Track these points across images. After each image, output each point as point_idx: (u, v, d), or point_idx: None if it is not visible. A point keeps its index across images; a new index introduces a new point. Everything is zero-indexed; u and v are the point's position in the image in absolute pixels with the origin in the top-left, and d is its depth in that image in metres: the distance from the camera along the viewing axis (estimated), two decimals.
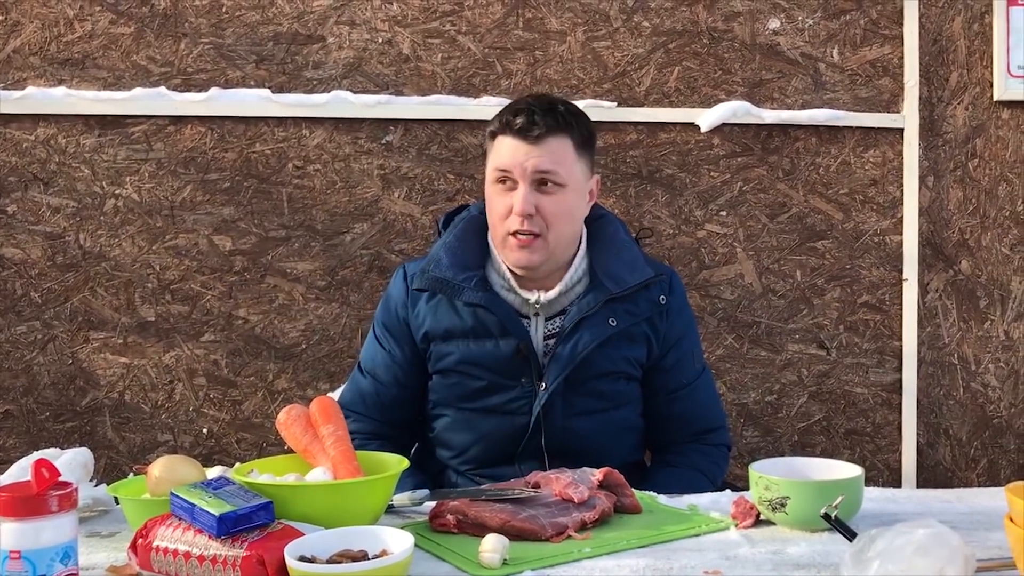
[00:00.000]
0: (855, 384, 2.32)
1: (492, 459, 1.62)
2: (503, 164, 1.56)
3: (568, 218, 1.58)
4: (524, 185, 1.54)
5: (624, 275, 1.60)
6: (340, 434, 1.27)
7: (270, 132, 2.24)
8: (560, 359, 1.57)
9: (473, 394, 1.61)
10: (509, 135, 1.56)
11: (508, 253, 1.58)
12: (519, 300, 1.60)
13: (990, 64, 2.31)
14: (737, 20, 2.29)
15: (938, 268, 2.33)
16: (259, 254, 2.24)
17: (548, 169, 1.54)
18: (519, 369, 1.58)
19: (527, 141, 1.54)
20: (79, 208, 2.22)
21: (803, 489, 1.18)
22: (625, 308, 1.59)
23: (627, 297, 1.60)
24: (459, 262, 1.61)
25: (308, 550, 1.00)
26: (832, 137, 2.31)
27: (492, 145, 1.60)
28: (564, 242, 1.59)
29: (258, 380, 2.25)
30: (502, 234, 1.58)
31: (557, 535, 1.17)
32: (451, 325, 1.60)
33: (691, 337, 1.70)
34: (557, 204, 1.56)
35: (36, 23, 2.21)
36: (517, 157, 1.55)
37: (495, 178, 1.58)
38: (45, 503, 0.92)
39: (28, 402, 2.23)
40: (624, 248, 1.64)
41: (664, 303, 1.63)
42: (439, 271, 1.60)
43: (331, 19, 2.25)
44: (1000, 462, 2.35)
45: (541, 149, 1.54)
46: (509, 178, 1.56)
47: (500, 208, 1.57)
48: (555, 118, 1.56)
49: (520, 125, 1.54)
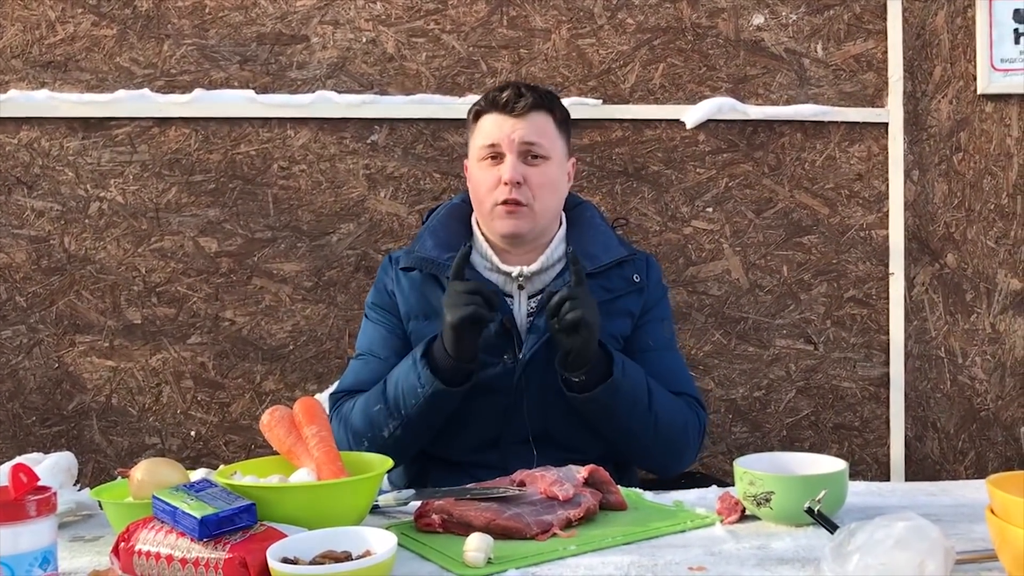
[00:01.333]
0: (843, 378, 2.33)
1: (476, 444, 1.63)
2: (490, 139, 1.62)
3: (552, 189, 1.65)
4: (511, 156, 1.61)
5: (599, 254, 1.67)
6: (324, 435, 1.27)
7: (255, 133, 2.23)
8: (537, 329, 1.60)
9: None
10: (494, 111, 1.63)
11: (497, 223, 1.63)
12: (502, 279, 1.65)
13: (974, 58, 2.32)
14: (721, 16, 2.29)
15: (924, 262, 2.34)
16: (245, 255, 2.24)
17: (534, 140, 1.62)
18: (502, 346, 1.60)
19: (512, 115, 1.62)
20: (64, 211, 2.21)
21: (787, 484, 1.18)
22: (599, 284, 1.64)
23: (601, 274, 1.66)
24: (442, 243, 1.67)
25: (291, 552, 1.00)
26: (817, 132, 2.31)
27: (475, 126, 1.67)
28: (549, 214, 1.66)
29: (245, 382, 2.24)
30: (489, 206, 1.62)
31: (542, 533, 1.17)
32: (435, 302, 1.63)
33: (662, 308, 1.74)
34: (542, 175, 1.62)
35: (18, 26, 2.20)
36: (504, 130, 1.62)
37: (481, 155, 1.64)
38: (23, 508, 0.92)
39: (14, 407, 2.21)
40: (599, 231, 1.72)
41: (638, 281, 1.69)
42: (424, 251, 1.66)
43: (315, 19, 2.24)
44: (988, 454, 2.36)
45: (526, 122, 1.62)
46: (497, 152, 1.62)
47: (488, 180, 1.62)
48: (538, 95, 1.64)
49: (505, 99, 1.62)
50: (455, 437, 1.64)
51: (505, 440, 1.62)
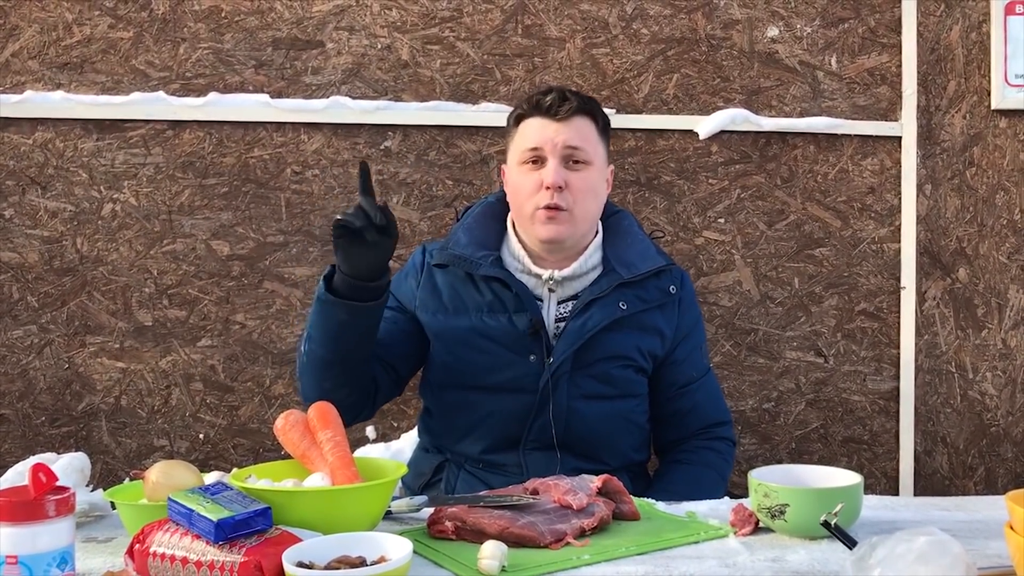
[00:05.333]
0: (853, 392, 2.32)
1: (496, 444, 1.63)
2: (533, 142, 1.62)
3: (593, 195, 1.65)
4: (554, 160, 1.60)
5: (636, 262, 1.65)
6: (338, 440, 1.27)
7: (268, 137, 2.24)
8: (569, 335, 1.60)
9: (480, 371, 1.63)
10: (537, 115, 1.63)
11: (537, 228, 1.62)
12: (533, 281, 1.65)
13: (988, 73, 2.32)
14: (735, 28, 2.30)
15: (936, 276, 2.33)
16: (257, 259, 2.24)
17: (577, 145, 1.61)
18: (530, 345, 1.60)
19: (556, 119, 1.61)
20: (77, 212, 2.22)
21: (803, 496, 1.18)
22: (635, 294, 1.64)
23: (637, 283, 1.64)
24: (476, 240, 1.67)
25: (306, 556, 1.00)
26: (830, 145, 2.31)
27: (517, 130, 1.66)
28: (589, 220, 1.66)
29: (255, 385, 2.24)
30: (530, 210, 1.62)
31: (556, 542, 1.17)
32: (467, 298, 1.64)
33: (700, 333, 1.76)
34: (584, 180, 1.62)
35: (35, 27, 2.21)
36: (547, 134, 1.61)
37: (523, 159, 1.63)
38: (42, 508, 0.92)
39: (24, 407, 2.22)
40: (637, 240, 1.71)
41: (674, 293, 1.68)
42: (457, 248, 1.66)
43: (330, 25, 2.25)
44: (998, 470, 2.35)
45: (569, 126, 1.61)
46: (539, 156, 1.61)
47: (529, 185, 1.62)
48: (581, 100, 1.64)
49: (549, 103, 1.61)
50: (476, 433, 1.64)
51: (526, 442, 1.62)
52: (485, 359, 1.62)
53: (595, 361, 1.62)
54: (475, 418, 1.64)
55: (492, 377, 1.62)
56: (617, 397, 1.65)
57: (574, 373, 1.60)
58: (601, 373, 1.62)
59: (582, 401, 1.61)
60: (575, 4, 2.27)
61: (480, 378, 1.63)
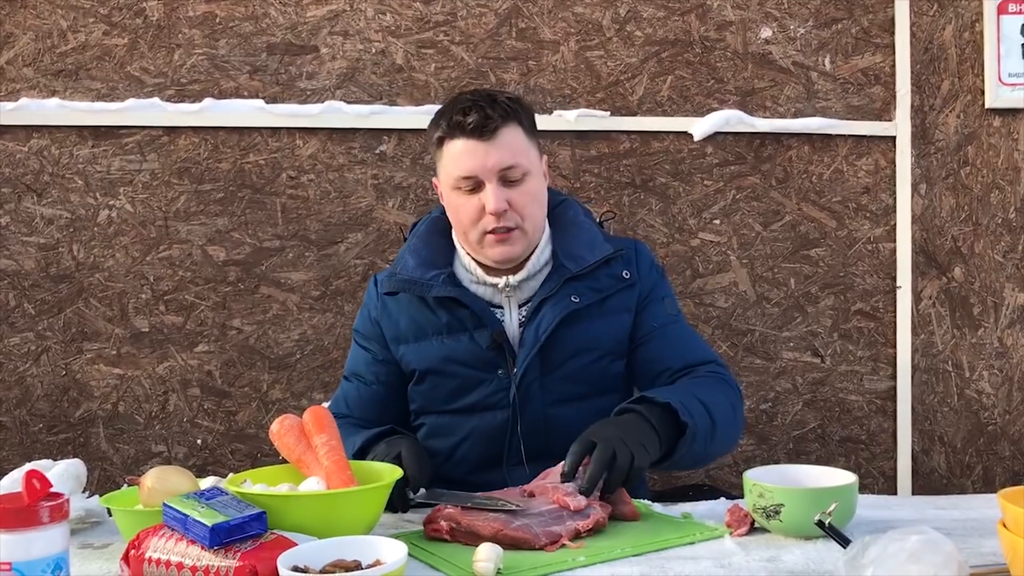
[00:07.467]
0: (849, 392, 2.33)
1: (478, 465, 1.61)
2: (465, 170, 1.52)
3: (538, 204, 1.58)
4: (491, 184, 1.52)
5: (583, 254, 1.59)
6: (333, 444, 1.27)
7: (264, 142, 2.24)
8: (527, 342, 1.56)
9: (451, 394, 1.60)
10: (462, 137, 1.52)
11: (488, 251, 1.56)
12: (489, 291, 1.60)
13: (981, 72, 2.32)
14: (729, 29, 2.30)
15: (931, 275, 2.34)
16: (253, 264, 2.24)
17: (511, 164, 1.52)
18: (495, 360, 1.57)
19: (483, 139, 1.51)
20: (73, 219, 2.22)
21: (797, 496, 1.18)
22: (586, 285, 1.58)
23: (587, 274, 1.58)
24: (425, 261, 1.61)
25: (301, 560, 1.00)
26: (824, 145, 2.31)
27: (442, 151, 1.56)
28: (539, 227, 1.60)
29: (252, 391, 2.25)
30: (477, 236, 1.55)
31: (551, 544, 1.17)
32: (425, 323, 1.60)
33: (659, 288, 1.67)
34: (525, 194, 1.55)
35: (30, 35, 2.21)
36: (477, 158, 1.51)
37: (456, 185, 1.55)
38: (36, 514, 0.92)
39: (21, 414, 2.22)
40: (583, 229, 1.64)
41: (628, 277, 1.62)
42: (406, 272, 1.60)
43: (325, 30, 2.25)
44: (995, 469, 2.35)
45: (498, 145, 1.51)
46: (474, 183, 1.53)
47: (470, 211, 1.54)
48: (503, 109, 1.53)
49: (473, 124, 1.50)
50: (456, 456, 1.62)
51: (508, 459, 1.59)
52: (453, 382, 1.59)
53: (563, 361, 1.57)
54: (454, 441, 1.61)
55: (464, 399, 1.59)
56: (593, 395, 1.59)
57: (544, 378, 1.56)
58: (571, 372, 1.58)
59: (557, 407, 1.57)
60: (569, 7, 2.28)
61: (452, 401, 1.60)
